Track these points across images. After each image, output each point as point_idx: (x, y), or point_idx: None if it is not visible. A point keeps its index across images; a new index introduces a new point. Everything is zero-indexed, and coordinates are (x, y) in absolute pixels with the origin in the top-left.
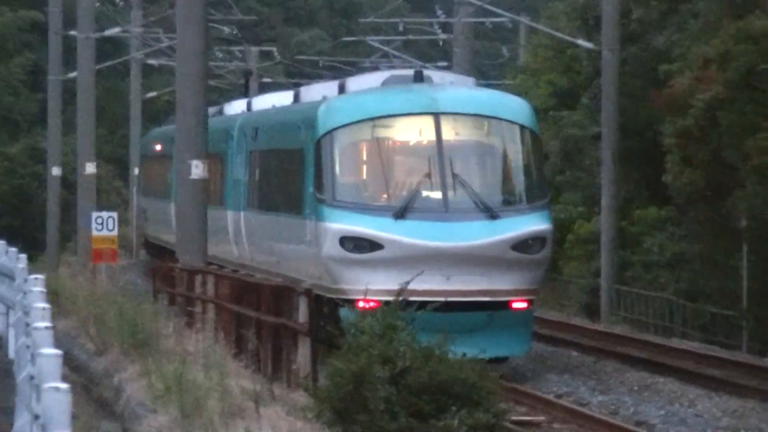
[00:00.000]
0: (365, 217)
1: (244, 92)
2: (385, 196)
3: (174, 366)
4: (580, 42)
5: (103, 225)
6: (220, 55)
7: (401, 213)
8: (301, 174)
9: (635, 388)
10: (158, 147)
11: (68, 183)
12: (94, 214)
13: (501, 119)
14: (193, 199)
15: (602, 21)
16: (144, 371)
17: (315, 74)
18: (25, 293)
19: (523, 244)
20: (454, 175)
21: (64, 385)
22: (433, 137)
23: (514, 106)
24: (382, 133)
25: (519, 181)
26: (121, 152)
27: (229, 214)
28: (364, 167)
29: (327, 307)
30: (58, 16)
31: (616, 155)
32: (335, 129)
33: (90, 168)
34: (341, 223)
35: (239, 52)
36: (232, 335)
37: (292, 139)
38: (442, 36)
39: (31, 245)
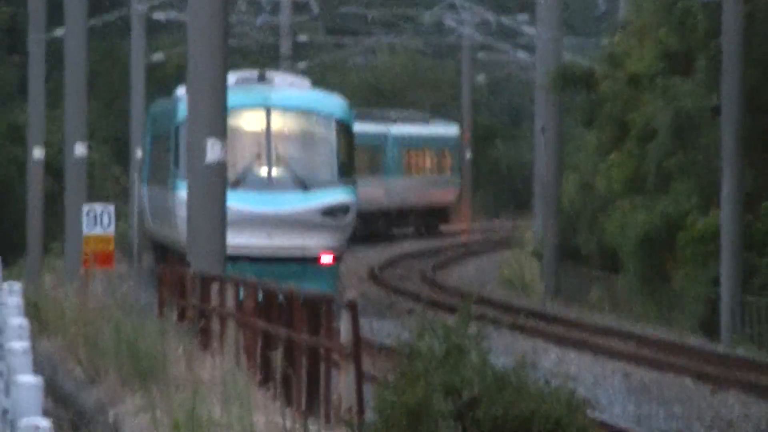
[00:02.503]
0: (245, 194)
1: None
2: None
3: (184, 398)
4: None
5: (97, 221)
6: (244, 8)
7: (235, 184)
8: (168, 154)
9: (763, 426)
10: None
11: (54, 169)
12: (86, 208)
13: (318, 113)
14: (209, 188)
15: None
16: (147, 404)
17: (363, 31)
18: None
19: (329, 211)
20: (278, 156)
21: (45, 422)
22: (264, 127)
23: (330, 103)
24: (268, 118)
25: (330, 162)
26: (119, 130)
27: (143, 190)
28: (251, 149)
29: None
30: None
31: (741, 134)
32: (236, 108)
33: (80, 150)
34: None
35: (268, 4)
36: (256, 358)
37: (166, 126)
38: None
39: (8, 246)
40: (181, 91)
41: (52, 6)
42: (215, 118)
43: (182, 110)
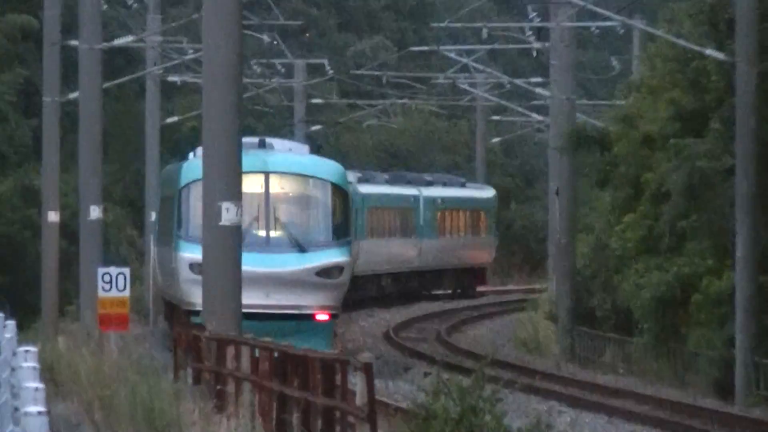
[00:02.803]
0: None
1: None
2: None
3: None
4: (709, 52)
5: (112, 284)
6: (258, 70)
7: None
8: (171, 215)
9: None
10: None
11: (69, 231)
12: (101, 270)
13: (315, 177)
14: (224, 250)
15: (736, 25)
16: None
17: (377, 93)
18: (13, 369)
19: (324, 271)
20: (276, 219)
21: None
22: (262, 190)
23: (327, 168)
24: None
25: (325, 224)
26: (134, 193)
27: (154, 250)
28: None
29: (184, 317)
30: (55, 22)
31: (756, 193)
32: (191, 183)
33: (95, 212)
34: (191, 253)
35: (282, 66)
36: (272, 421)
37: (170, 189)
38: (537, 44)
39: (23, 309)
40: (191, 155)
41: (68, 68)
42: (230, 181)
43: (185, 174)
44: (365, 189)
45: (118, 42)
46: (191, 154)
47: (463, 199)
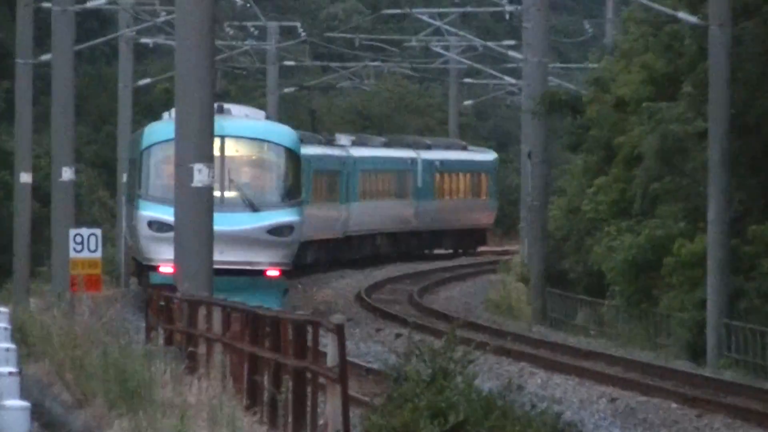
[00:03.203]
0: (165, 207)
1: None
2: None
3: (172, 422)
4: (682, 15)
5: (84, 245)
6: (231, 32)
7: None
8: (134, 176)
9: None
10: None
11: (41, 193)
12: (73, 232)
13: (268, 141)
14: (196, 213)
15: None
16: (134, 428)
17: (350, 55)
18: None
19: (275, 230)
20: (230, 180)
21: None
22: (218, 153)
23: (280, 131)
24: None
25: (278, 186)
26: (107, 154)
27: (124, 210)
28: (168, 173)
29: (143, 271)
30: None
31: (728, 157)
32: (151, 145)
33: (68, 174)
34: (149, 211)
35: (255, 29)
36: (243, 382)
37: (134, 151)
38: (509, 8)
39: None
40: (166, 115)
41: (40, 31)
42: (201, 142)
43: (146, 138)
44: (358, 152)
45: (91, 4)
46: (166, 115)
47: (462, 161)
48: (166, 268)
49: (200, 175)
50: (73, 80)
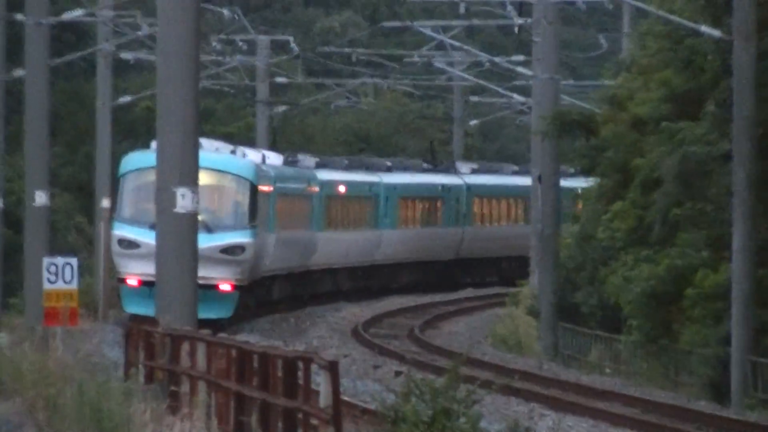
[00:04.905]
0: (134, 228)
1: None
2: (147, 215)
3: None
4: (704, 29)
5: (59, 275)
6: (218, 47)
7: (153, 226)
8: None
9: None
10: None
11: (13, 219)
12: (47, 261)
13: (228, 173)
14: (179, 240)
15: (733, 0)
16: None
17: (346, 72)
18: None
19: (228, 249)
20: None
21: None
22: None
23: (240, 164)
24: (152, 177)
25: (233, 211)
26: (84, 177)
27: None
28: (139, 197)
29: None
30: None
31: (753, 180)
32: (127, 173)
33: (42, 198)
34: (118, 231)
35: (244, 43)
36: (230, 424)
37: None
38: (518, 20)
39: None
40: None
41: (13, 44)
42: (186, 165)
43: (123, 165)
44: (395, 178)
45: (67, 16)
46: (154, 144)
47: (507, 187)
48: (131, 281)
49: (183, 200)
50: (47, 98)
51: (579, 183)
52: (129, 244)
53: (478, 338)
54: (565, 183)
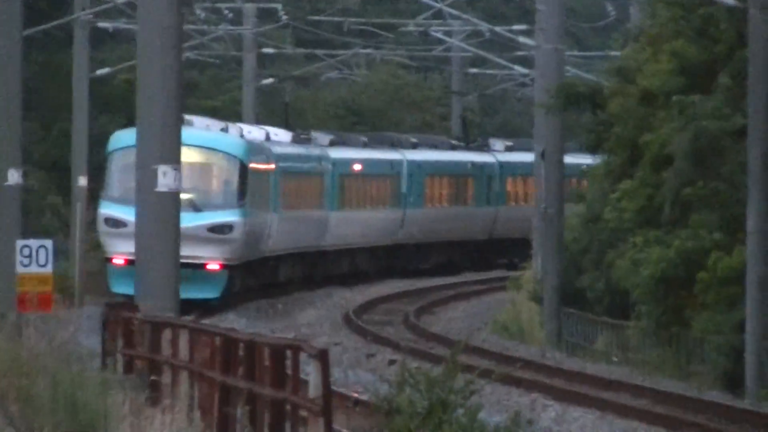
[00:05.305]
0: (119, 206)
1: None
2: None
3: None
4: None
5: (32, 258)
6: (202, 15)
7: None
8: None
9: None
10: None
11: None
12: (20, 243)
13: (217, 150)
14: (160, 221)
15: None
16: None
17: (338, 42)
18: None
19: (216, 228)
20: None
21: None
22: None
23: (230, 142)
24: None
25: (222, 190)
26: (59, 154)
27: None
28: (125, 176)
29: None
30: None
31: None
32: (113, 151)
33: (14, 177)
34: (105, 209)
35: (230, 11)
36: (214, 416)
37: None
38: None
39: None
40: None
41: None
42: (168, 142)
43: (111, 143)
44: (415, 156)
45: None
46: None
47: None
48: (118, 260)
49: (165, 178)
50: (20, 70)
51: (584, 160)
52: (116, 222)
53: (477, 325)
54: (569, 159)
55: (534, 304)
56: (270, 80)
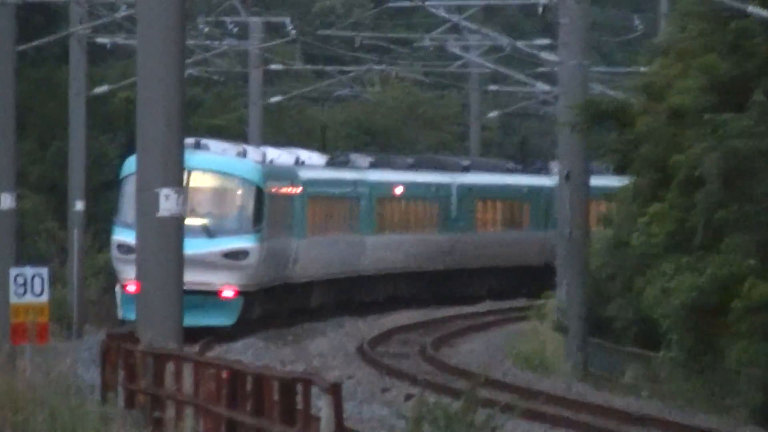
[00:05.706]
0: (133, 232)
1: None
2: None
3: None
4: (752, 9)
5: (27, 287)
6: (206, 29)
7: None
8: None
9: None
10: None
11: None
12: (14, 271)
13: (231, 175)
14: (162, 247)
15: None
16: None
17: (349, 57)
18: None
19: (230, 254)
20: (192, 209)
21: None
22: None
23: (244, 167)
24: None
25: (235, 215)
26: (56, 176)
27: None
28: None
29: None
30: None
31: None
32: (126, 176)
33: (8, 201)
34: (117, 236)
35: (235, 26)
36: None
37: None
38: (543, 0)
39: None
40: None
41: None
42: (169, 163)
43: (124, 168)
44: (465, 179)
45: None
46: None
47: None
48: (131, 286)
49: (167, 202)
50: (14, 87)
51: (610, 182)
52: (129, 249)
53: (498, 357)
54: (595, 181)
55: (558, 334)
56: (278, 98)
